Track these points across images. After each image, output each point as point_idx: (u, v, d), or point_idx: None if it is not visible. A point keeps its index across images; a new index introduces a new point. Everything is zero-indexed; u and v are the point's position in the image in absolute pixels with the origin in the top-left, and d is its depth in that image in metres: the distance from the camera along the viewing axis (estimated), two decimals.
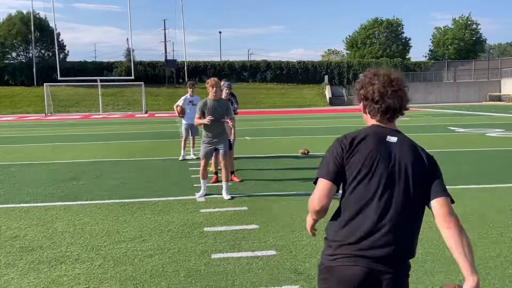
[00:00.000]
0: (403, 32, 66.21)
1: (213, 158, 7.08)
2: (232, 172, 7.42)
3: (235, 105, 8.12)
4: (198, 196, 6.29)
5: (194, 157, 9.86)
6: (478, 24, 64.71)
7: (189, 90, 9.99)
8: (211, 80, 6.23)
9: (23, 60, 54.62)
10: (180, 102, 9.93)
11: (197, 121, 6.33)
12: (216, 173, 7.38)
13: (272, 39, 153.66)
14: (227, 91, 7.48)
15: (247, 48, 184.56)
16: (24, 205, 6.00)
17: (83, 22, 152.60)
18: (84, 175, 8.24)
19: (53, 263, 3.89)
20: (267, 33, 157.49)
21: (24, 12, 55.50)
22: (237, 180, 7.37)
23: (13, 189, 7.07)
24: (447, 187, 1.97)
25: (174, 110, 10.30)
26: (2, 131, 20.86)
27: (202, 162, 6.41)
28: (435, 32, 66.99)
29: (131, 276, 3.59)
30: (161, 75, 54.70)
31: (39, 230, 4.86)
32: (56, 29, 46.38)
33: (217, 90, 6.23)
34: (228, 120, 6.42)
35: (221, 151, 6.33)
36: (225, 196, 6.20)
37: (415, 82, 53.39)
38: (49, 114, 39.99)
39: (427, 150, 2.04)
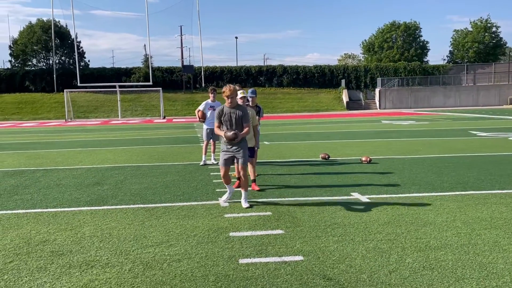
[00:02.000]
0: (420, 35, 65.70)
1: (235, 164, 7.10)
2: (254, 180, 7.32)
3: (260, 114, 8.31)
4: (224, 200, 6.31)
5: (215, 162, 9.91)
6: (498, 26, 63.96)
7: (211, 96, 10.06)
8: (226, 90, 6.05)
9: (44, 67, 55.66)
10: (201, 107, 10.01)
11: (216, 130, 6.27)
12: (239, 178, 7.30)
13: (288, 43, 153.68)
14: (247, 101, 7.41)
15: (262, 53, 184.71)
16: (52, 209, 6.11)
17: (100, 29, 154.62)
18: (108, 180, 8.35)
19: (84, 267, 3.94)
20: (282, 38, 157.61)
21: (44, 19, 56.64)
22: (256, 189, 7.15)
23: (39, 194, 7.19)
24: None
25: (191, 115, 10.43)
26: (25, 136, 21.26)
27: (221, 171, 6.27)
28: (455, 35, 66.28)
29: (161, 280, 3.63)
30: (179, 81, 55.18)
31: (67, 234, 4.94)
32: (76, 37, 47.17)
33: (233, 100, 6.09)
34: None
35: (240, 160, 6.21)
36: (244, 204, 6.08)
37: (434, 86, 52.88)
38: (69, 120, 40.65)
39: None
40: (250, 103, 7.66)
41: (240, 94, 7.24)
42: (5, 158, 12.31)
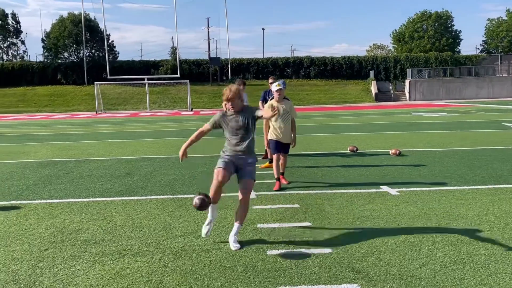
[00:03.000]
0: (453, 25, 64.04)
1: (274, 162, 6.81)
2: (282, 173, 7.05)
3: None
4: (205, 233, 4.42)
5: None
6: None
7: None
8: (226, 92, 4.48)
9: (75, 60, 56.85)
10: None
11: (185, 143, 4.72)
12: (278, 179, 6.76)
13: (315, 34, 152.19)
14: (279, 94, 6.86)
15: (289, 44, 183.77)
16: (84, 199, 6.27)
17: (129, 21, 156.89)
18: (137, 171, 8.50)
19: (116, 256, 4.04)
20: (310, 29, 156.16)
21: (76, 13, 57.76)
22: (285, 183, 6.93)
23: (72, 184, 7.39)
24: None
25: (218, 107, 10.43)
26: (58, 128, 21.82)
27: (216, 177, 4.71)
28: (488, 24, 64.33)
29: (190, 270, 3.69)
30: (205, 73, 55.49)
31: (100, 224, 5.06)
32: (106, 30, 47.96)
33: (235, 104, 4.50)
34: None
35: (243, 181, 4.63)
36: (232, 244, 4.22)
37: (466, 77, 51.52)
38: (99, 112, 41.48)
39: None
40: (278, 97, 6.94)
41: (276, 86, 6.89)
42: (39, 149, 12.67)
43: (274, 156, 6.88)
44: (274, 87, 6.98)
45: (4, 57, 60.55)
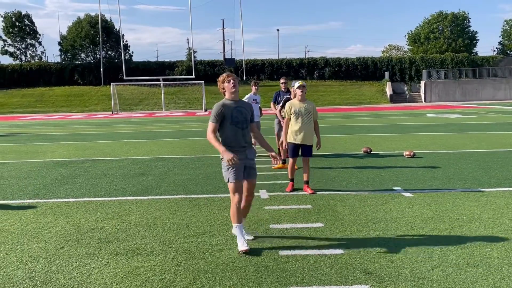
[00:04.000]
0: (469, 26, 63.26)
1: (290, 164, 6.65)
2: (307, 182, 6.62)
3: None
4: (240, 247, 4.12)
5: (256, 155, 9.96)
6: None
7: (253, 88, 10.11)
8: (223, 75, 4.42)
9: (91, 61, 57.48)
10: (245, 100, 10.08)
11: (214, 140, 4.37)
12: (292, 180, 6.71)
13: (330, 35, 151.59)
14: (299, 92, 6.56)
15: (304, 45, 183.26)
16: (99, 199, 6.36)
17: (144, 23, 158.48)
18: (152, 171, 8.59)
19: (130, 254, 4.11)
20: (324, 30, 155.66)
21: (92, 14, 58.42)
22: (310, 192, 6.41)
23: (88, 183, 7.50)
24: None
25: None
26: (74, 128, 22.11)
27: (233, 190, 4.43)
28: (506, 25, 63.43)
29: (203, 269, 3.73)
30: (220, 74, 55.57)
31: (114, 223, 5.14)
32: (121, 31, 48.45)
33: (236, 82, 4.33)
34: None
35: (252, 175, 4.45)
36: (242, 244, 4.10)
37: (483, 78, 50.77)
38: (115, 112, 41.89)
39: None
40: (300, 96, 6.63)
41: (297, 83, 6.55)
42: (56, 148, 12.87)
43: (291, 160, 6.74)
44: (296, 84, 6.58)
45: (23, 58, 61.48)
